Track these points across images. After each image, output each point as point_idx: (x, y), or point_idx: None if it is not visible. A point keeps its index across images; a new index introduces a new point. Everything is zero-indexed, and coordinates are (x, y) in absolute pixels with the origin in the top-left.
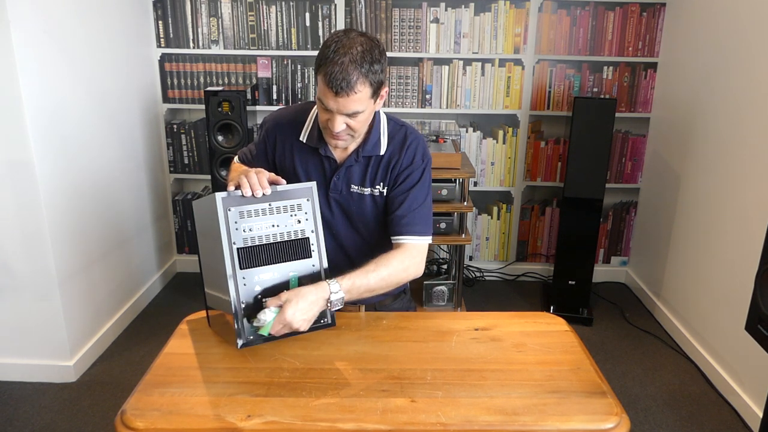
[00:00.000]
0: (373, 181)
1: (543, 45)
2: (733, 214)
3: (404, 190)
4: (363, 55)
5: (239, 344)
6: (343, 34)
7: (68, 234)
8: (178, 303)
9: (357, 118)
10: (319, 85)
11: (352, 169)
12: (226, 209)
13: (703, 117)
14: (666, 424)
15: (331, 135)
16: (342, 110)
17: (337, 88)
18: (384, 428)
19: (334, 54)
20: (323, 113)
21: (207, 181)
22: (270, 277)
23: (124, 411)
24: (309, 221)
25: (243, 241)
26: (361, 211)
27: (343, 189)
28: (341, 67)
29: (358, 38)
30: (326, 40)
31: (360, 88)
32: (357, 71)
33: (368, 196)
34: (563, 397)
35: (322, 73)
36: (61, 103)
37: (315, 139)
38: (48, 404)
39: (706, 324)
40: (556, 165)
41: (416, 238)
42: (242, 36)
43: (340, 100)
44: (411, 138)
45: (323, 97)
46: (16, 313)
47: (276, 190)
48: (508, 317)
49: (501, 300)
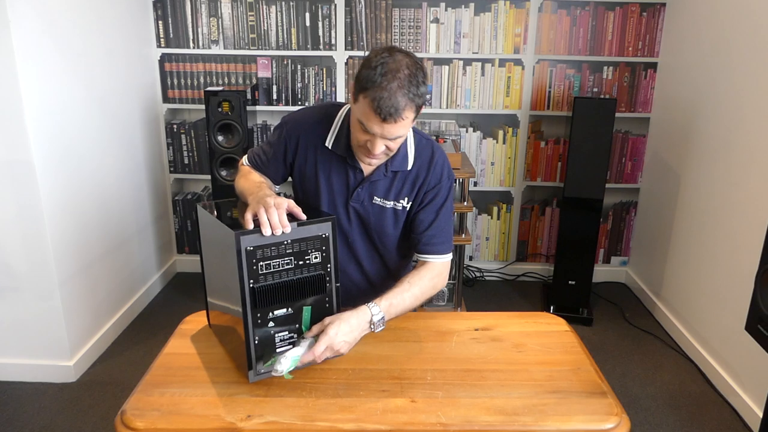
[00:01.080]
0: (398, 195)
1: (543, 45)
2: (733, 214)
3: (432, 209)
4: (410, 80)
5: (251, 379)
6: (388, 55)
7: (68, 234)
8: (178, 303)
9: (396, 141)
10: (363, 107)
11: (377, 183)
12: (245, 248)
13: (703, 117)
14: (666, 424)
15: (366, 154)
16: (386, 135)
17: (385, 115)
18: (384, 428)
19: (382, 78)
20: (362, 134)
21: (207, 181)
22: (284, 312)
23: (124, 411)
24: (327, 256)
25: (259, 279)
26: (380, 223)
27: (365, 200)
28: (389, 92)
29: (403, 60)
30: (369, 60)
31: (407, 114)
32: (405, 97)
33: (390, 209)
34: (563, 397)
35: (368, 97)
36: (61, 103)
37: (342, 146)
38: (48, 404)
39: (706, 324)
40: (556, 165)
41: (443, 257)
42: (242, 36)
43: (386, 126)
44: (438, 156)
45: (367, 121)
46: (16, 313)
47: (296, 228)
48: (508, 317)
49: (501, 300)
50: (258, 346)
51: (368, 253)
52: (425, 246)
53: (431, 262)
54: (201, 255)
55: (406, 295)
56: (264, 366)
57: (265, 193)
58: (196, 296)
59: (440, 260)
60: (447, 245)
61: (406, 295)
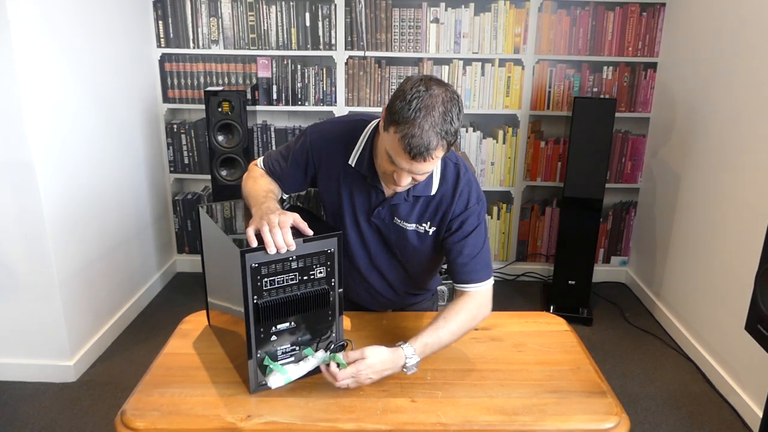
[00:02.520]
0: (420, 218)
1: (543, 45)
2: (732, 214)
3: (462, 237)
4: (444, 117)
5: (252, 389)
6: (424, 89)
7: (68, 234)
8: (178, 303)
9: (424, 175)
10: (392, 141)
11: (399, 205)
12: (250, 265)
13: (702, 117)
14: (666, 424)
15: (390, 182)
16: (414, 171)
17: (415, 154)
18: (384, 428)
19: (416, 114)
20: (389, 165)
21: (207, 181)
22: (286, 326)
23: (124, 411)
24: (331, 271)
25: (263, 295)
26: (401, 242)
27: (386, 218)
28: (421, 130)
29: (440, 96)
30: (404, 91)
31: (437, 153)
32: (437, 137)
33: (411, 231)
34: (563, 397)
35: (399, 133)
36: (61, 103)
37: (365, 166)
38: (48, 404)
39: (706, 324)
40: (556, 165)
41: (481, 285)
42: (242, 36)
43: (415, 164)
44: (463, 181)
45: (395, 156)
46: (16, 313)
47: (302, 243)
48: (508, 317)
49: (501, 300)
50: (260, 359)
51: (390, 266)
52: (460, 275)
53: (468, 292)
54: (202, 255)
55: (441, 332)
56: (262, 377)
57: (269, 208)
58: (196, 296)
59: (478, 289)
60: (483, 272)
61: (441, 333)
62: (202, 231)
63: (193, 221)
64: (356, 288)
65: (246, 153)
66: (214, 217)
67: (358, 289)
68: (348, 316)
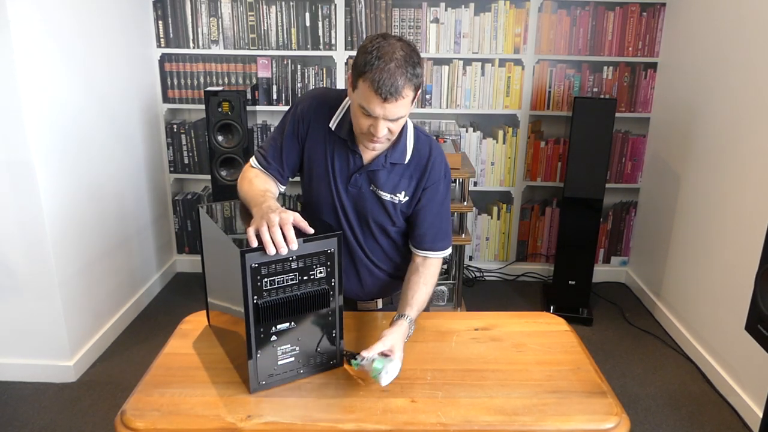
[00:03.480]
0: (395, 188)
1: (543, 45)
2: (732, 214)
3: (433, 207)
4: (406, 60)
5: (252, 389)
6: (382, 39)
7: (68, 234)
8: (178, 303)
9: (398, 122)
10: (363, 91)
11: (376, 173)
12: (250, 265)
13: (703, 117)
14: (666, 424)
15: (369, 139)
16: (388, 116)
17: (386, 94)
18: (384, 428)
19: (378, 60)
20: (365, 119)
21: (207, 181)
22: (286, 326)
23: (124, 411)
24: (331, 271)
25: (263, 295)
26: (376, 213)
27: (363, 186)
28: (389, 73)
29: (397, 43)
30: (364, 46)
31: (406, 92)
32: (403, 77)
33: (388, 202)
34: (563, 397)
35: (368, 80)
36: (61, 103)
37: (345, 130)
38: (48, 404)
39: (706, 324)
40: (556, 165)
41: (441, 253)
42: (242, 36)
43: (387, 106)
44: (435, 152)
45: (367, 104)
46: (16, 313)
47: (302, 243)
48: (508, 317)
49: (501, 300)
50: (260, 358)
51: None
52: (423, 243)
53: (430, 258)
54: (202, 255)
55: (424, 298)
56: (266, 377)
57: (269, 207)
58: (196, 296)
59: (438, 256)
60: (445, 242)
61: (424, 298)
62: (202, 231)
63: (193, 221)
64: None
65: (246, 153)
66: (214, 217)
67: (349, 276)
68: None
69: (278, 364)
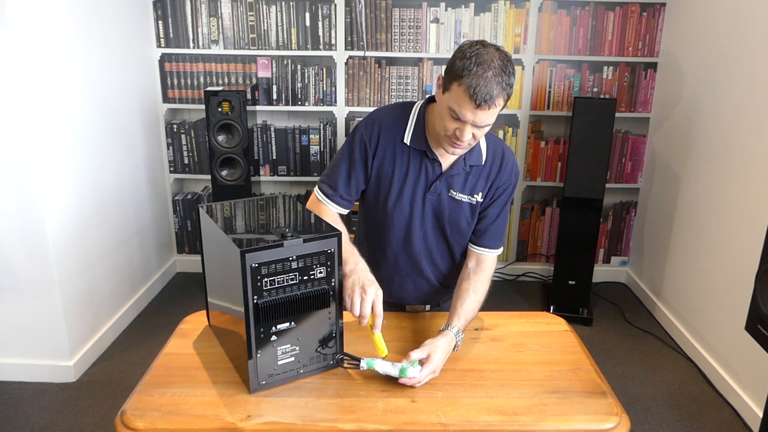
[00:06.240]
0: (473, 189)
1: (543, 45)
2: (733, 214)
3: (499, 205)
4: (503, 69)
5: (252, 389)
6: (480, 47)
7: (68, 234)
8: (178, 303)
9: (483, 129)
10: (456, 95)
11: (455, 177)
12: (250, 265)
13: (703, 117)
14: (666, 424)
15: (451, 143)
16: (477, 122)
17: (480, 101)
18: (384, 428)
19: (477, 67)
20: (452, 122)
21: (207, 181)
22: (286, 326)
23: (124, 411)
24: (331, 271)
25: (263, 295)
26: (455, 216)
27: (442, 192)
28: (485, 80)
29: (495, 52)
30: (462, 50)
31: (499, 102)
32: (499, 86)
33: (466, 204)
34: (563, 397)
35: (464, 84)
36: (61, 103)
37: (420, 141)
38: (48, 404)
39: (706, 324)
40: (556, 165)
41: (495, 251)
42: (242, 36)
43: (479, 113)
44: (508, 153)
45: (459, 108)
46: (16, 313)
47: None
48: (508, 317)
49: (501, 300)
50: (260, 358)
51: (441, 247)
52: (485, 240)
53: (487, 257)
54: (202, 255)
55: (474, 306)
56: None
57: (367, 277)
58: (196, 296)
59: (494, 254)
60: (503, 240)
61: (474, 306)
62: (202, 231)
63: (193, 221)
64: (403, 281)
65: (246, 153)
66: (214, 217)
67: (405, 282)
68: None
69: (278, 364)
